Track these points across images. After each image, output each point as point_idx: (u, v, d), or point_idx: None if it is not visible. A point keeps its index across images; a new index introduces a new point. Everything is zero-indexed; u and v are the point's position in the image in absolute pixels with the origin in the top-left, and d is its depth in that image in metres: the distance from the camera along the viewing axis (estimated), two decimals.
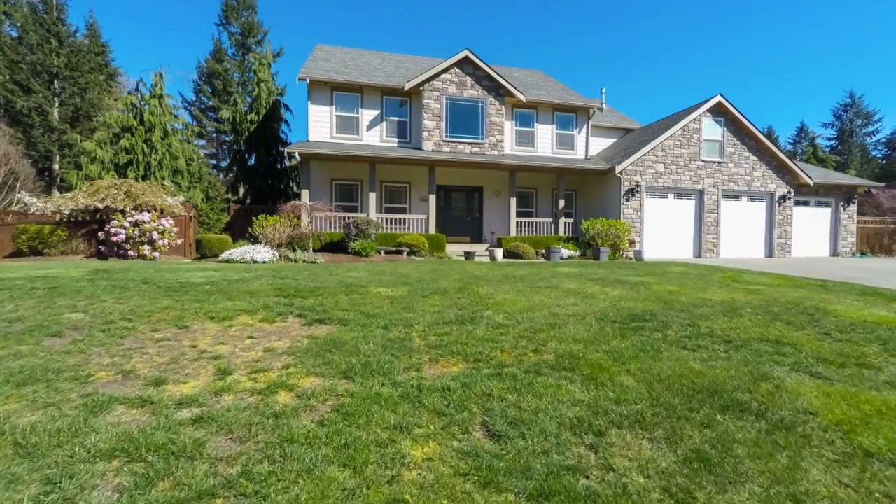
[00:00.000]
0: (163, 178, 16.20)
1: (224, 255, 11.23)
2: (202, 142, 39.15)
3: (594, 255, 13.13)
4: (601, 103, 19.44)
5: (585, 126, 19.14)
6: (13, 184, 25.71)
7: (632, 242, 16.03)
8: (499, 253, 12.41)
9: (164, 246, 12.43)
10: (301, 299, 5.66)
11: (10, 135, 26.69)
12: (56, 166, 30.61)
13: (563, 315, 5.09)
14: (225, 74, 36.40)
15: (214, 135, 39.87)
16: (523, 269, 9.89)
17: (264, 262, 11.05)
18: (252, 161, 20.00)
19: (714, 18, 73.84)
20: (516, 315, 5.04)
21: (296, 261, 11.51)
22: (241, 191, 20.06)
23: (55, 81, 30.80)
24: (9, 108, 28.44)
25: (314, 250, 13.84)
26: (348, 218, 14.11)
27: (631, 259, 15.41)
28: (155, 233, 12.16)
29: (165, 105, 17.34)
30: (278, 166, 20.14)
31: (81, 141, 17.19)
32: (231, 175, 21.85)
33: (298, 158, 14.14)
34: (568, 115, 19.00)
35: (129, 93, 17.25)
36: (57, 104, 30.95)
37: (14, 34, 29.52)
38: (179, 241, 13.07)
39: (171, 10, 53.45)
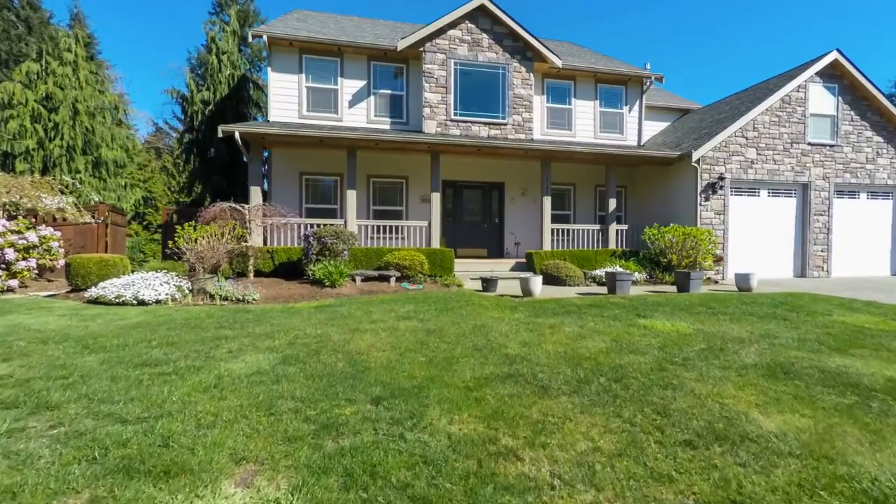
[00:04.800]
0: (77, 173, 12.08)
1: (98, 289, 6.98)
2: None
3: (680, 282, 8.59)
4: (656, 74, 14.77)
5: (638, 102, 14.57)
6: None
7: (717, 259, 11.39)
8: (536, 283, 7.94)
9: (28, 269, 8.25)
10: None
11: None
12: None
13: None
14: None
15: None
16: (591, 324, 5.41)
17: (156, 303, 6.77)
18: (212, 153, 15.85)
19: None
20: None
21: (213, 296, 7.20)
22: (199, 189, 15.94)
23: None
24: None
25: (265, 274, 9.56)
26: (308, 228, 9.75)
27: (723, 283, 10.79)
28: (11, 251, 7.98)
29: (85, 76, 13.16)
30: (244, 159, 15.94)
31: None
32: (188, 170, 17.68)
33: (240, 143, 9.92)
34: (615, 89, 14.44)
35: (32, 59, 13.17)
36: None
37: None
38: (61, 263, 8.88)
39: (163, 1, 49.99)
